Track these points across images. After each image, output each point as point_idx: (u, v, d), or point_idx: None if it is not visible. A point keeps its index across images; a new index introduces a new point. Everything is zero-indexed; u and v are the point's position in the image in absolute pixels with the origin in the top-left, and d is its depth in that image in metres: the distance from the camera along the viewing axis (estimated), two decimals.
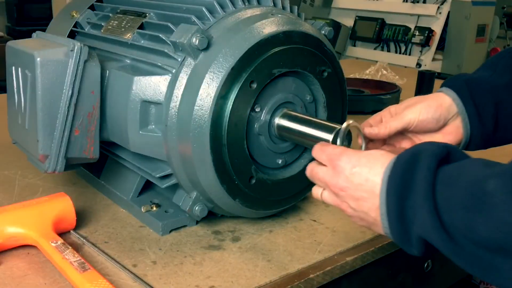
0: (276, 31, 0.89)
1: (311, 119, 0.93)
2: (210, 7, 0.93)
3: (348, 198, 0.70)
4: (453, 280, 1.26)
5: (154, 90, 0.90)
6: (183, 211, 0.98)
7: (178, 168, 0.92)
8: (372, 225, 0.70)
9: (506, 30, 3.98)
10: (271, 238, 0.97)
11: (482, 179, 0.55)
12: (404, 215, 0.61)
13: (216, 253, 0.92)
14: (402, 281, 1.09)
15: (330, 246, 0.95)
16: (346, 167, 0.70)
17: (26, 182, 1.18)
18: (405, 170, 0.62)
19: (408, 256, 0.66)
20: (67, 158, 0.91)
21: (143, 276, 0.84)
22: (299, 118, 0.93)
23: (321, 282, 0.88)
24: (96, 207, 1.07)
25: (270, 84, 0.91)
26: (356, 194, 0.68)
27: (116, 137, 0.98)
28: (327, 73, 0.98)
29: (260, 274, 0.86)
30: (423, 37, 3.74)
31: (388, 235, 0.66)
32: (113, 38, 1.05)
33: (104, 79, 0.95)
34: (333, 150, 0.74)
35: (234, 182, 0.91)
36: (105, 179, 1.14)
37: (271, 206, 1.00)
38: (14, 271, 0.84)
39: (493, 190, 0.53)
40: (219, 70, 0.85)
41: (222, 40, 0.88)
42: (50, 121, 0.88)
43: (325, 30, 1.03)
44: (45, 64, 0.86)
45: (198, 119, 0.85)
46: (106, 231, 0.98)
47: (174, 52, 0.90)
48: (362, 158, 0.69)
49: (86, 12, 1.16)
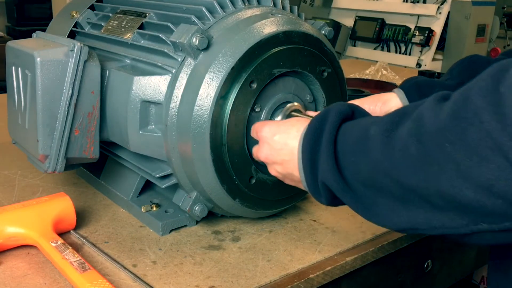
0: (276, 31, 0.89)
1: None
2: (210, 7, 0.93)
3: (274, 163, 0.78)
4: (453, 280, 1.26)
5: (154, 90, 0.90)
6: (183, 211, 0.98)
7: (178, 168, 0.92)
8: (298, 183, 0.76)
9: (506, 30, 3.98)
10: (271, 238, 0.97)
11: (368, 126, 0.63)
12: (315, 166, 0.68)
13: (216, 253, 0.92)
14: (402, 281, 1.09)
15: (330, 246, 0.95)
16: (268, 136, 0.79)
17: (26, 182, 1.18)
18: (315, 128, 0.69)
19: (408, 256, 0.66)
20: (67, 158, 0.91)
21: (143, 276, 0.84)
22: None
23: (321, 282, 0.88)
24: (96, 207, 1.07)
25: (270, 84, 0.92)
26: (279, 158, 0.77)
27: (116, 137, 0.98)
28: (327, 73, 0.98)
29: (260, 274, 0.86)
30: (423, 37, 3.73)
31: (306, 188, 0.72)
32: (113, 38, 1.05)
33: (104, 79, 0.95)
34: (257, 124, 0.85)
35: (234, 182, 0.91)
36: (105, 179, 1.14)
37: (271, 206, 1.00)
38: (14, 271, 0.84)
39: (372, 134, 0.61)
40: (219, 70, 0.85)
41: (222, 40, 0.88)
42: (50, 121, 0.88)
43: (325, 30, 1.03)
44: (45, 64, 0.86)
45: (198, 119, 0.85)
46: (106, 231, 0.98)
47: (174, 52, 0.90)
48: (281, 126, 0.78)
49: (86, 12, 1.16)
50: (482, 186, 0.50)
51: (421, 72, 1.93)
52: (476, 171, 0.50)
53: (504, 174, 0.49)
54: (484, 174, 0.50)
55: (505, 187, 0.49)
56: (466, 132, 0.51)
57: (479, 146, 0.50)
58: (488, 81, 0.51)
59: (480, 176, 0.50)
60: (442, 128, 0.53)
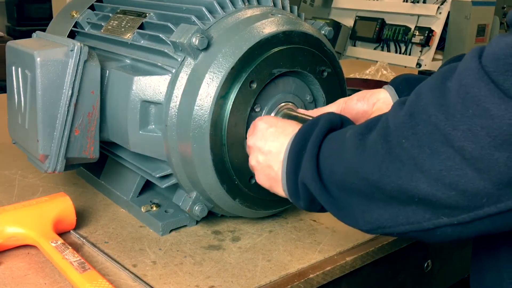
0: (276, 31, 0.89)
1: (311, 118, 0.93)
2: (210, 7, 0.93)
3: (259, 151, 0.78)
4: (453, 280, 1.26)
5: (154, 90, 0.90)
6: (183, 211, 0.98)
7: (178, 168, 0.92)
8: (272, 181, 0.76)
9: (506, 30, 3.98)
10: (271, 238, 0.97)
11: (346, 131, 0.66)
12: (298, 166, 0.69)
13: (216, 253, 0.92)
14: (402, 281, 1.09)
15: (330, 246, 0.95)
16: (263, 127, 0.80)
17: (26, 182, 1.18)
18: (305, 131, 0.71)
19: (408, 256, 0.67)
20: (67, 158, 0.91)
21: (143, 276, 0.84)
22: (299, 118, 0.93)
23: (321, 282, 0.88)
24: (96, 207, 1.07)
25: (270, 84, 0.92)
26: (266, 148, 0.77)
27: (116, 137, 0.98)
28: (327, 73, 0.98)
29: (260, 274, 0.86)
30: (423, 37, 3.73)
31: (284, 189, 0.73)
32: (113, 38, 1.05)
33: (104, 79, 0.95)
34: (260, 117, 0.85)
35: (234, 182, 0.91)
36: (105, 179, 1.14)
37: (271, 206, 1.00)
38: (14, 271, 0.84)
39: (348, 137, 0.63)
40: (219, 70, 0.85)
41: (222, 40, 0.88)
42: (50, 121, 0.88)
43: (325, 30, 1.03)
44: (45, 64, 0.86)
45: (198, 119, 0.85)
46: (106, 231, 0.98)
47: (174, 52, 0.90)
48: (279, 122, 0.80)
49: (86, 12, 1.16)
50: (435, 178, 0.52)
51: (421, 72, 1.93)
52: (429, 163, 0.52)
53: (454, 163, 0.51)
54: (436, 166, 0.52)
55: (455, 177, 0.51)
56: (417, 127, 0.54)
57: (429, 139, 0.52)
58: (438, 78, 0.54)
59: (432, 168, 0.52)
60: (399, 125, 0.56)
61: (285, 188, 0.73)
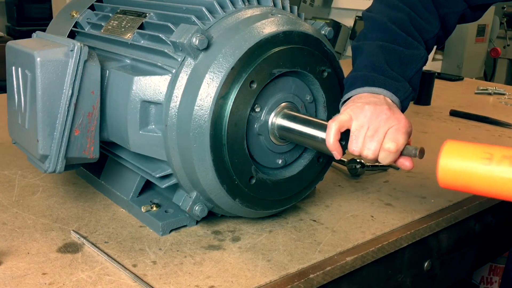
0: (276, 31, 0.89)
1: (311, 119, 0.93)
2: (210, 7, 0.93)
3: (379, 115, 0.85)
4: (453, 280, 1.26)
5: (154, 90, 0.90)
6: (183, 211, 0.98)
7: (178, 168, 0.92)
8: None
9: (506, 30, 3.98)
10: (271, 238, 0.97)
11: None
12: None
13: (216, 253, 0.92)
14: (402, 281, 1.09)
15: (330, 246, 0.95)
16: (364, 113, 0.86)
17: (26, 182, 1.18)
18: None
19: (408, 256, 0.66)
20: (67, 158, 0.91)
21: (143, 276, 0.84)
22: (299, 118, 0.93)
23: (321, 282, 0.88)
24: (96, 207, 1.07)
25: (270, 84, 0.92)
26: (378, 109, 0.86)
27: (116, 137, 0.98)
28: (327, 73, 0.98)
29: (260, 274, 0.86)
30: None
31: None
32: (113, 38, 1.05)
33: (104, 79, 0.95)
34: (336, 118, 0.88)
35: (234, 182, 0.91)
36: (105, 179, 1.14)
37: (271, 206, 1.00)
38: (14, 271, 0.84)
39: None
40: (219, 70, 0.85)
41: (222, 40, 0.88)
42: (50, 121, 0.88)
43: (325, 30, 1.03)
44: (45, 64, 0.86)
45: (198, 119, 0.85)
46: (106, 231, 0.98)
47: (174, 52, 0.90)
48: (356, 108, 0.87)
49: (86, 12, 1.16)
50: None
51: None
52: None
53: None
54: None
55: None
56: None
57: None
58: None
59: None
60: None
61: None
